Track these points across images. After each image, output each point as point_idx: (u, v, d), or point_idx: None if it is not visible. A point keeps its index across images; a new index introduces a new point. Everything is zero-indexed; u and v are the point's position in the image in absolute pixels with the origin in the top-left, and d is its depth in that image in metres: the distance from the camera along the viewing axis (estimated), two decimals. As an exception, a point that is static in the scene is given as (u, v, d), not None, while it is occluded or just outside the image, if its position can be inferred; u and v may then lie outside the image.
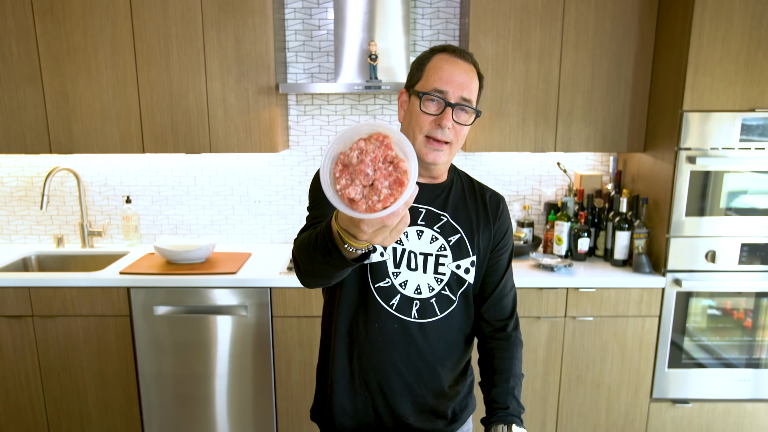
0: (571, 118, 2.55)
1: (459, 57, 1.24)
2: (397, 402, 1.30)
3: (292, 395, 2.51)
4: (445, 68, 1.22)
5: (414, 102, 1.24)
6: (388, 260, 1.26)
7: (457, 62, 1.23)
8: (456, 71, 1.21)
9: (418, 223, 1.28)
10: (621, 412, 2.56)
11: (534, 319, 2.45)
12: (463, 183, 1.37)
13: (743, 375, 2.50)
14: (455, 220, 1.30)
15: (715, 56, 2.24)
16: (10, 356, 2.47)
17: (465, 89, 1.21)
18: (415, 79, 1.26)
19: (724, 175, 2.34)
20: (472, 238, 1.30)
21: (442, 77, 1.21)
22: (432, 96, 1.20)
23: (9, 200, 2.94)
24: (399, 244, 1.26)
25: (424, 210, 1.29)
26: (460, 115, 1.22)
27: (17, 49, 2.45)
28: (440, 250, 1.28)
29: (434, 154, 1.22)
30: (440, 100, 1.20)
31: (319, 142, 2.88)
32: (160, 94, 2.50)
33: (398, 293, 1.26)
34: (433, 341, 1.29)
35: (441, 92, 1.20)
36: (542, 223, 2.96)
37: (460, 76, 1.21)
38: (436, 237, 1.28)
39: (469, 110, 1.23)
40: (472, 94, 1.23)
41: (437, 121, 1.20)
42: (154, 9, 2.42)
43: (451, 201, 1.32)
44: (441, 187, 1.32)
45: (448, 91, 1.20)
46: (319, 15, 2.75)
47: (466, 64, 1.24)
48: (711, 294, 2.45)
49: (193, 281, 2.39)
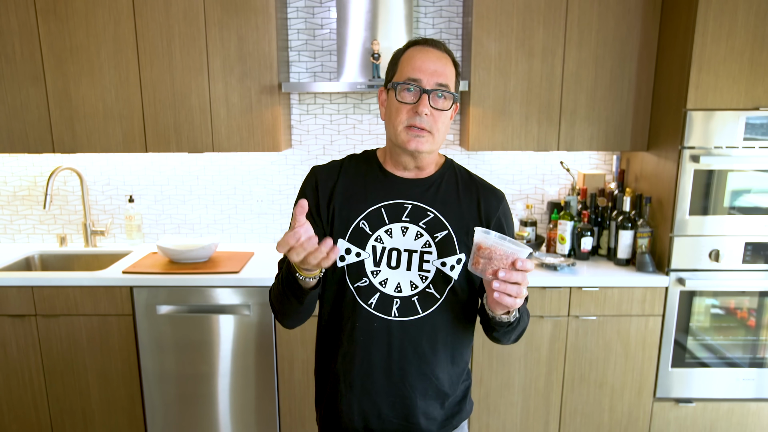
0: (574, 116, 2.54)
1: (431, 46, 1.24)
2: (382, 402, 1.28)
3: (295, 394, 2.51)
4: (417, 57, 1.22)
5: (391, 95, 1.24)
6: (367, 260, 1.26)
7: (429, 50, 1.23)
8: (428, 59, 1.21)
9: (403, 219, 1.27)
10: (624, 412, 2.55)
11: (537, 319, 2.45)
12: (458, 178, 1.34)
13: (747, 374, 2.49)
14: (444, 215, 1.28)
15: (719, 54, 2.23)
16: (13, 355, 2.47)
17: (439, 75, 1.20)
18: (391, 74, 1.27)
19: (728, 173, 2.33)
20: (460, 236, 1.27)
21: (415, 66, 1.21)
22: (407, 84, 1.21)
23: (12, 199, 2.94)
24: (379, 243, 1.26)
25: (410, 205, 1.28)
26: (437, 101, 1.21)
27: (20, 49, 2.45)
28: (425, 247, 1.26)
29: (416, 140, 1.21)
30: (416, 89, 1.20)
31: (322, 141, 2.88)
32: (162, 94, 2.50)
33: (377, 292, 1.25)
34: (416, 340, 1.26)
35: (415, 80, 1.20)
36: (545, 222, 2.96)
37: (433, 64, 1.21)
38: (422, 233, 1.26)
39: (447, 95, 1.22)
40: (448, 79, 1.22)
41: (414, 108, 1.20)
42: (156, 8, 2.42)
43: (441, 196, 1.29)
44: (429, 182, 1.30)
45: (422, 78, 1.20)
46: (322, 14, 2.75)
47: (439, 51, 1.24)
48: (714, 293, 2.44)
49: (196, 280, 2.40)
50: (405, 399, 1.28)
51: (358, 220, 1.27)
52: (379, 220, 1.27)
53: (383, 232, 1.26)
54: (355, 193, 1.30)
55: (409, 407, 1.29)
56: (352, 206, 1.28)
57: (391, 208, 1.28)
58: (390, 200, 1.28)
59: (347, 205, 1.29)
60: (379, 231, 1.26)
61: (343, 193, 1.30)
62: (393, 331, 1.26)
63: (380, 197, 1.28)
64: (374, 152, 1.37)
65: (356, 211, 1.28)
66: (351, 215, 1.28)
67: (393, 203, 1.28)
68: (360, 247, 1.26)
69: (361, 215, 1.27)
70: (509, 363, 2.50)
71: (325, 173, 1.34)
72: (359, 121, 2.86)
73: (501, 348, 2.48)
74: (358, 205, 1.28)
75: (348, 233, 1.27)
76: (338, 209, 1.29)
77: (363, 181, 1.31)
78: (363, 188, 1.30)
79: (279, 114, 2.54)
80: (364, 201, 1.29)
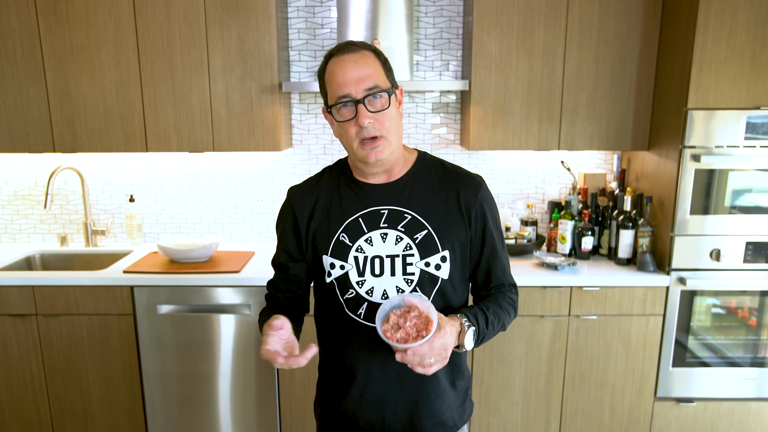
0: (575, 116, 2.54)
1: (345, 53, 1.21)
2: (385, 410, 1.28)
3: (296, 393, 2.51)
4: (337, 72, 1.19)
5: (333, 117, 1.23)
6: (350, 271, 1.26)
7: (345, 59, 1.20)
8: (347, 69, 1.18)
9: (381, 225, 1.26)
10: (625, 411, 2.55)
11: (538, 318, 2.45)
12: (432, 172, 1.31)
13: (748, 374, 2.49)
14: (421, 215, 1.26)
15: (720, 54, 2.23)
16: (14, 355, 2.47)
17: (364, 80, 1.18)
18: (324, 95, 1.25)
19: (729, 173, 2.33)
20: (441, 233, 1.26)
21: (338, 82, 1.19)
22: (339, 103, 1.19)
23: (13, 199, 2.94)
24: (361, 252, 1.25)
25: (386, 211, 1.27)
26: (374, 103, 1.19)
27: (21, 49, 2.45)
28: (406, 250, 1.25)
29: (373, 152, 1.20)
30: (349, 104, 1.19)
31: (322, 140, 2.88)
32: (163, 93, 2.50)
33: (365, 302, 1.25)
34: None
35: (344, 96, 1.18)
36: (546, 222, 2.95)
37: (352, 71, 1.18)
38: (401, 237, 1.25)
39: (381, 94, 1.20)
40: (375, 77, 1.19)
41: (356, 122, 1.19)
42: (157, 8, 2.42)
43: (416, 195, 1.28)
44: (401, 183, 1.29)
45: (350, 92, 1.18)
46: (322, 13, 2.75)
47: (354, 54, 1.20)
48: (715, 293, 2.44)
49: (197, 280, 2.40)
50: (407, 402, 1.28)
51: (338, 233, 1.27)
52: (358, 231, 1.27)
53: (363, 241, 1.26)
54: (333, 208, 1.30)
55: (412, 410, 1.29)
56: (331, 221, 1.29)
57: (368, 217, 1.27)
58: (366, 209, 1.28)
59: (326, 220, 1.29)
60: (359, 241, 1.26)
61: (320, 209, 1.30)
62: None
63: (356, 207, 1.28)
64: (346, 162, 1.36)
65: (335, 225, 1.28)
66: (331, 230, 1.28)
67: (369, 211, 1.28)
68: (342, 260, 1.26)
69: (340, 228, 1.27)
70: (510, 363, 2.50)
71: (300, 195, 1.34)
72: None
73: (501, 348, 2.48)
74: (336, 219, 1.28)
75: (330, 248, 1.28)
76: (318, 226, 1.30)
77: (338, 194, 1.31)
78: (339, 201, 1.30)
79: (279, 113, 2.54)
80: (341, 214, 1.28)
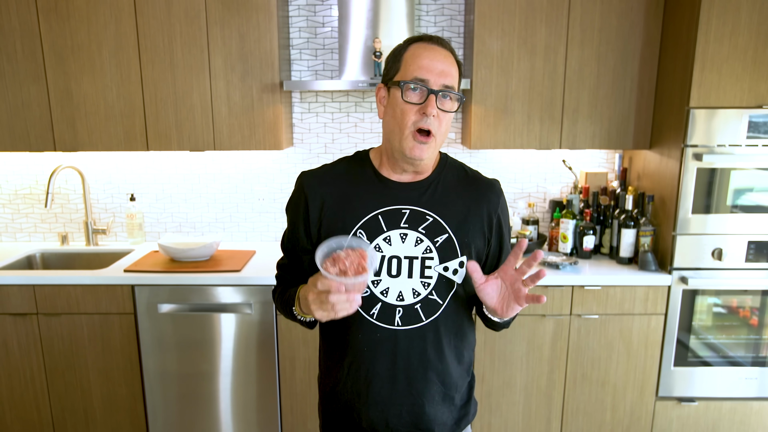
0: (576, 115, 2.53)
1: (436, 44, 1.20)
2: (390, 412, 1.26)
3: (297, 393, 2.51)
4: (424, 56, 1.17)
5: (395, 94, 1.19)
6: None
7: (435, 49, 1.19)
8: (435, 58, 1.17)
9: (401, 225, 1.23)
10: (626, 411, 2.55)
11: (539, 317, 2.45)
12: (455, 176, 1.30)
13: (749, 373, 2.49)
14: (443, 219, 1.24)
15: (722, 53, 2.23)
16: (15, 354, 2.47)
17: (446, 76, 1.17)
18: (393, 71, 1.21)
19: (731, 172, 2.33)
20: (462, 238, 1.24)
21: (421, 65, 1.16)
22: (413, 84, 1.16)
23: (14, 198, 2.94)
24: (378, 251, 1.22)
25: (408, 211, 1.24)
26: (444, 103, 1.18)
27: (21, 47, 2.45)
28: (426, 253, 1.22)
29: (420, 148, 1.18)
30: (422, 88, 1.16)
31: (323, 139, 2.88)
32: (164, 92, 2.49)
33: (379, 302, 1.23)
34: (420, 347, 1.24)
35: (422, 80, 1.16)
36: (547, 221, 2.95)
37: (440, 63, 1.17)
38: (421, 239, 1.22)
39: (453, 97, 1.19)
40: (454, 80, 1.19)
41: (422, 109, 1.16)
42: (158, 7, 2.41)
43: (439, 198, 1.25)
44: (426, 184, 1.26)
45: (429, 78, 1.16)
46: (323, 12, 2.75)
47: (444, 50, 1.19)
48: (717, 292, 2.43)
49: (198, 279, 2.39)
50: (413, 406, 1.26)
51: (355, 229, 1.23)
52: (377, 228, 1.23)
53: (381, 240, 1.22)
54: (350, 201, 1.25)
55: (418, 414, 1.27)
56: (347, 215, 1.24)
57: (388, 215, 1.23)
58: (387, 206, 1.24)
59: (342, 214, 1.25)
60: (377, 239, 1.22)
61: (336, 201, 1.26)
62: (397, 340, 1.24)
63: (376, 204, 1.24)
64: (367, 154, 1.32)
65: (352, 220, 1.23)
66: (347, 225, 1.23)
67: (390, 209, 1.24)
68: None
69: (358, 224, 1.23)
70: (511, 362, 2.50)
71: (314, 181, 1.29)
72: (361, 120, 2.86)
73: (503, 347, 2.48)
74: (354, 214, 1.24)
75: None
76: (332, 219, 1.25)
77: (357, 187, 1.27)
78: (357, 195, 1.26)
79: (280, 112, 2.53)
80: (359, 209, 1.24)
